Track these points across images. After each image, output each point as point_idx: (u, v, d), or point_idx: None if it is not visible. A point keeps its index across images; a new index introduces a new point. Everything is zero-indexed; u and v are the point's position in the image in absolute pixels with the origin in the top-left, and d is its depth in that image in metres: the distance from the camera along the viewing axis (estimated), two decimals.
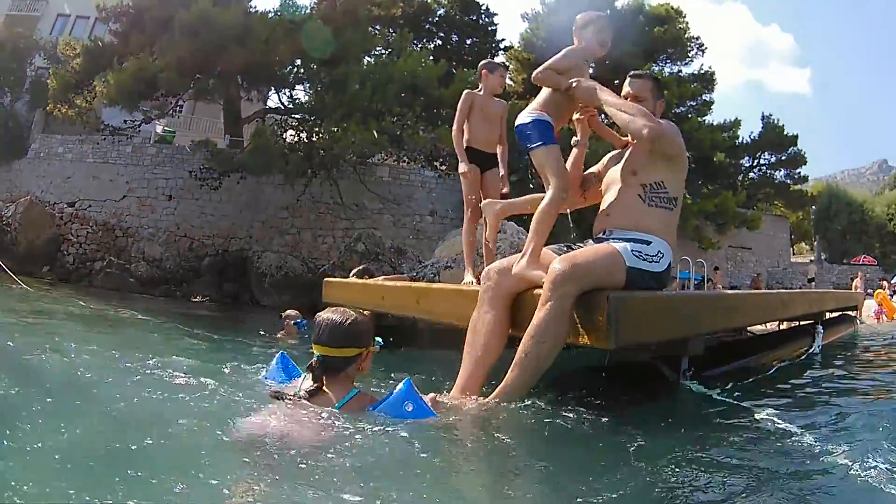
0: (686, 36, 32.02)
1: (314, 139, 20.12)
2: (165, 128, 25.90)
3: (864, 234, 41.44)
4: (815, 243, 41.68)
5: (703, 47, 32.74)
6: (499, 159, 5.17)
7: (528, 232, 7.60)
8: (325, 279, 7.45)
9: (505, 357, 3.05)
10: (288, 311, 8.26)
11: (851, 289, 21.86)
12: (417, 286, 4.92)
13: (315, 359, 2.63)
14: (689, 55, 32.35)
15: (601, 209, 3.51)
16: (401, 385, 2.62)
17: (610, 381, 3.13)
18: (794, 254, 42.95)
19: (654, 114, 3.31)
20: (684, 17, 32.38)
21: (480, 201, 4.98)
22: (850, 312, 8.34)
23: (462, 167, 4.98)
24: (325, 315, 2.69)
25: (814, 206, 40.26)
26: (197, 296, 18.72)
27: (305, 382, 2.63)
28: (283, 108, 22.42)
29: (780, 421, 2.87)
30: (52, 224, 20.24)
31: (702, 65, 33.94)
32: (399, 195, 22.68)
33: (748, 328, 5.73)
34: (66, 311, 10.10)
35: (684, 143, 3.55)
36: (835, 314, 7.41)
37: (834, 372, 4.90)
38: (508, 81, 32.86)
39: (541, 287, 2.90)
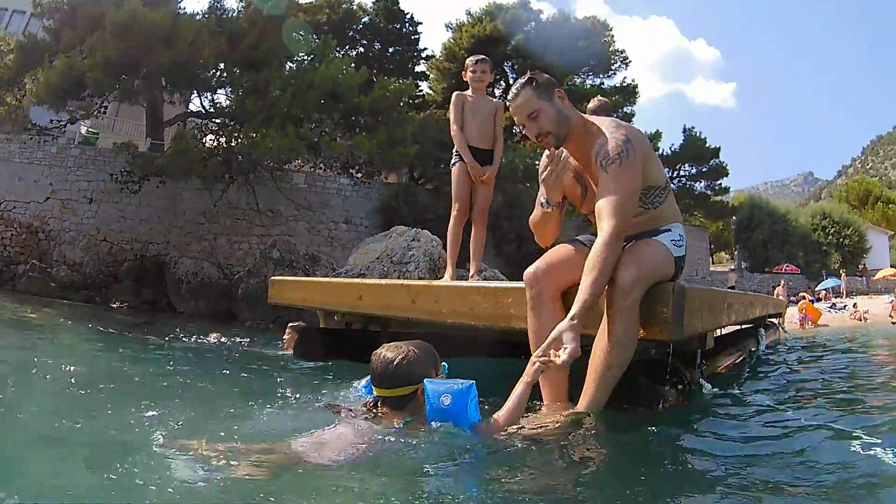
0: (611, 49, 34.21)
1: (233, 144, 21.28)
2: (89, 129, 26.50)
3: (787, 244, 42.83)
4: (736, 252, 43.09)
5: (627, 60, 35.04)
6: (494, 155, 5.54)
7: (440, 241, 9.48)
8: (272, 278, 7.01)
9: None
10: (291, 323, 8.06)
11: (775, 296, 23.77)
12: (414, 283, 4.68)
13: (371, 399, 2.81)
14: (613, 68, 34.58)
15: None
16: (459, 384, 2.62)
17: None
18: (713, 263, 44.58)
19: (558, 115, 3.21)
20: (610, 30, 34.74)
21: (471, 200, 5.49)
22: (773, 319, 8.77)
23: (476, 168, 5.39)
24: (379, 352, 2.75)
25: (734, 217, 42.56)
26: (116, 301, 19.52)
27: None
28: (204, 111, 23.60)
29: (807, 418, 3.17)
30: None
31: (625, 77, 36.02)
32: (314, 202, 24.04)
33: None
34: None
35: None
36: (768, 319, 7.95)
37: (805, 369, 5.79)
38: (427, 90, 34.63)
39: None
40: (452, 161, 5.54)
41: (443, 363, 2.83)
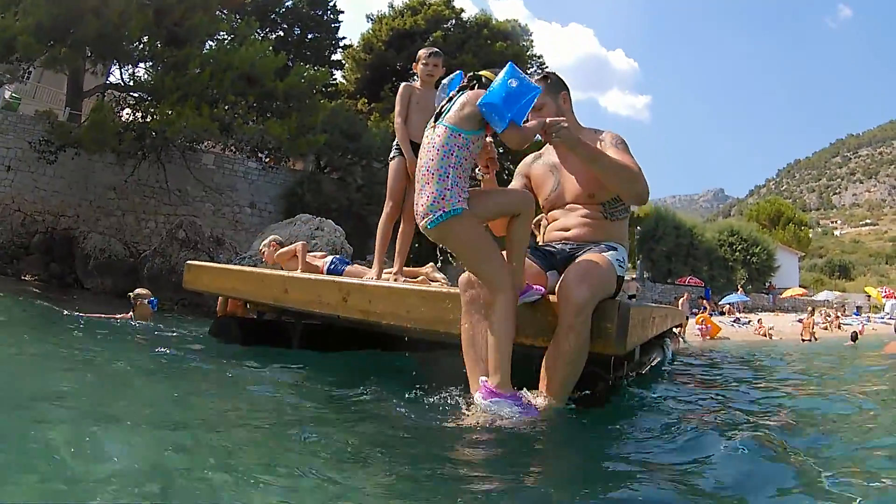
0: (528, 53, 36.94)
1: (148, 120, 22.43)
2: (13, 94, 26.79)
3: (692, 257, 45.26)
4: (639, 262, 45.94)
5: (545, 66, 37.88)
6: None
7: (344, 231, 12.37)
8: (188, 262, 6.85)
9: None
10: (138, 291, 8.18)
11: (678, 307, 25.70)
12: (346, 281, 4.71)
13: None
14: (528, 72, 36.10)
15: (558, 227, 3.84)
16: (505, 68, 3.06)
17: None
18: None
19: (559, 114, 3.65)
20: (530, 34, 37.65)
21: (405, 195, 5.47)
22: (675, 329, 9.07)
23: (409, 162, 5.32)
24: None
25: (639, 227, 43.91)
26: (27, 274, 20.22)
27: None
28: (122, 84, 24.49)
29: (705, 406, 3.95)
30: None
31: None
32: (221, 184, 25.54)
33: None
34: None
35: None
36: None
37: (730, 376, 6.48)
38: (341, 80, 37.01)
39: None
40: (392, 155, 5.59)
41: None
